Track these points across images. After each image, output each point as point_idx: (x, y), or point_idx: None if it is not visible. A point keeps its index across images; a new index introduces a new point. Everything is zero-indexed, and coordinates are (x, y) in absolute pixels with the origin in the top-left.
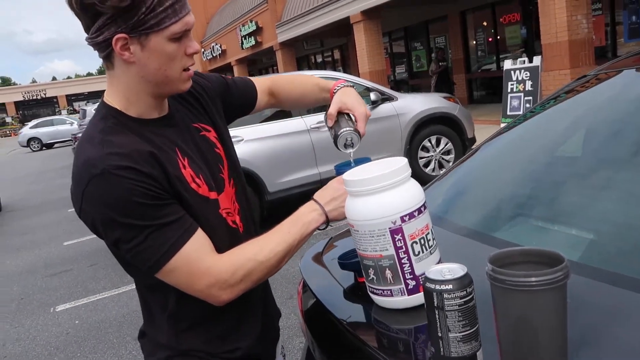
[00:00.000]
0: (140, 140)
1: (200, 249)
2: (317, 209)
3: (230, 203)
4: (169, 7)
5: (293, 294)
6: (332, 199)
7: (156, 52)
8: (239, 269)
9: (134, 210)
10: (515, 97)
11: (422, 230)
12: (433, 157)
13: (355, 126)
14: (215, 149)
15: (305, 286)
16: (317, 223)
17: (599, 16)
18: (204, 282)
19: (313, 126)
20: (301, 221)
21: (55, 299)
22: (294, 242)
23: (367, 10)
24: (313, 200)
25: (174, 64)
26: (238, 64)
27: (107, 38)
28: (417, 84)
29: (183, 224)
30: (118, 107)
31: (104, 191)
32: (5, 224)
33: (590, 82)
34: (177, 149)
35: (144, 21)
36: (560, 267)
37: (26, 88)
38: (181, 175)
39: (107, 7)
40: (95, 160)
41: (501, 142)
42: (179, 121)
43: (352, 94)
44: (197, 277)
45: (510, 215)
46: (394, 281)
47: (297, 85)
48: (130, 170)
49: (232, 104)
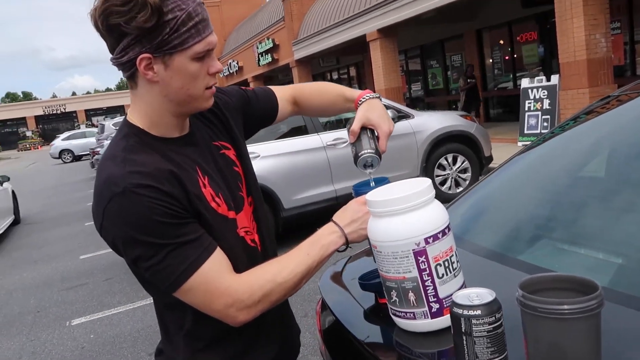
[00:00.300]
0: (161, 158)
1: (218, 268)
2: (336, 231)
3: (249, 221)
4: (192, 28)
5: (308, 311)
6: (352, 220)
7: (179, 72)
8: (257, 290)
9: (154, 229)
10: (533, 116)
11: (446, 253)
12: (449, 176)
13: (377, 145)
14: (234, 167)
15: (323, 305)
16: (336, 245)
17: (618, 35)
18: (222, 302)
19: (329, 143)
20: (320, 243)
21: (71, 312)
22: (312, 263)
23: (384, 28)
24: (332, 222)
25: (196, 83)
26: (254, 81)
27: (131, 58)
28: (433, 101)
29: (202, 242)
30: (141, 125)
31: (124, 209)
32: (23, 236)
33: (613, 102)
34: (197, 168)
35: (168, 41)
36: (594, 295)
37: (47, 103)
38: (201, 194)
39: (132, 28)
40: (116, 178)
41: (524, 161)
42: (200, 140)
43: (377, 108)
44: (215, 297)
45: (534, 237)
46: (417, 304)
47: (321, 95)
48: (151, 188)
49: (253, 115)
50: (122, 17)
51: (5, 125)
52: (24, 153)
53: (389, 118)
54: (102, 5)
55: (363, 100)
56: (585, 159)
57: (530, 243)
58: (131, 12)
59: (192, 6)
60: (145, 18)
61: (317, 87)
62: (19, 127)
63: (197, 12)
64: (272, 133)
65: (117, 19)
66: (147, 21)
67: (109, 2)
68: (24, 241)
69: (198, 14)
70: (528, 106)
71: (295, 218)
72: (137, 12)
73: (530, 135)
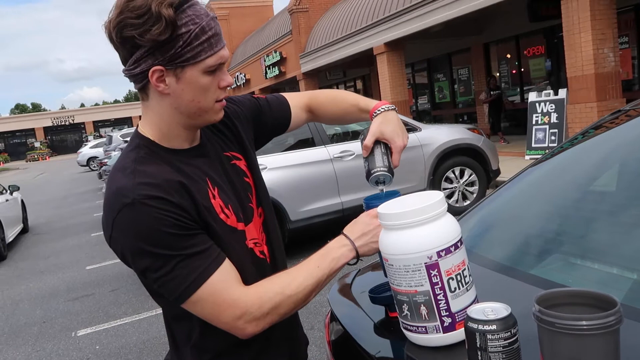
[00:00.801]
0: (171, 170)
1: (227, 280)
2: (347, 244)
3: (258, 233)
4: (205, 42)
5: (314, 324)
6: (363, 234)
7: (190, 84)
8: (266, 302)
9: (162, 240)
10: (540, 130)
11: (459, 266)
12: (457, 189)
13: (390, 162)
14: (244, 177)
15: (332, 318)
16: (346, 258)
17: (626, 49)
18: (230, 314)
19: (336, 155)
20: (330, 256)
21: (77, 323)
22: (322, 276)
23: (391, 42)
24: (343, 235)
25: (207, 96)
26: (261, 93)
27: (144, 70)
28: (439, 114)
29: (211, 254)
30: (151, 137)
31: (133, 220)
32: (30, 246)
33: (622, 117)
34: (207, 179)
35: (180, 54)
36: (613, 311)
37: (55, 114)
38: (210, 205)
39: (145, 40)
40: (126, 189)
41: (534, 175)
42: (210, 151)
43: (392, 121)
44: (223, 309)
45: (545, 251)
46: (429, 318)
47: (336, 103)
48: (160, 200)
49: (265, 124)
50: (136, 30)
51: (14, 136)
52: (32, 164)
53: (403, 131)
54: (116, 17)
55: (378, 113)
56: (596, 173)
57: (542, 257)
58: (145, 24)
59: (206, 20)
60: (160, 31)
61: (332, 95)
62: (28, 138)
63: (210, 27)
64: (280, 145)
65: (131, 32)
66: (161, 34)
67: (123, 15)
68: (31, 251)
69: (211, 28)
70: (535, 120)
71: (301, 230)
72: (151, 25)
73: (537, 148)
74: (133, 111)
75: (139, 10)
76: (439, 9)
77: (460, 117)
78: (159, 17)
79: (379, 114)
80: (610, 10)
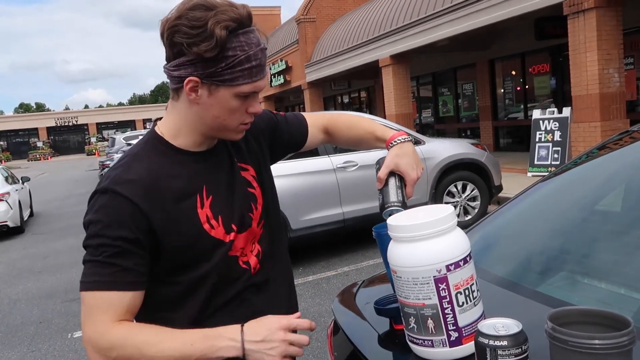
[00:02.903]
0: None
1: (109, 306)
2: (238, 341)
3: (249, 243)
4: (246, 69)
5: (312, 334)
6: (262, 340)
7: (220, 103)
8: (119, 347)
9: (98, 235)
10: (544, 147)
11: (467, 281)
12: (458, 203)
13: (404, 195)
14: (249, 188)
15: (335, 328)
16: (226, 354)
17: (631, 70)
18: (88, 333)
19: (339, 166)
20: (212, 342)
21: (74, 324)
22: (191, 356)
23: (397, 54)
24: (240, 329)
25: (233, 117)
26: (266, 101)
27: (182, 76)
28: (443, 128)
29: (122, 276)
30: (166, 135)
31: (93, 206)
32: (29, 246)
33: (626, 139)
34: (203, 186)
35: (220, 74)
36: (627, 331)
37: (59, 114)
38: (195, 214)
39: (192, 52)
40: (108, 178)
41: (540, 192)
42: (217, 157)
43: (408, 153)
44: (87, 324)
45: (552, 269)
46: (436, 331)
47: (352, 129)
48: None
49: (281, 139)
50: (187, 39)
51: (17, 135)
52: (33, 163)
53: (418, 163)
54: (174, 20)
55: (394, 144)
56: (602, 193)
57: (548, 274)
58: (197, 37)
59: (254, 50)
60: (208, 49)
61: (351, 121)
62: (31, 138)
63: (256, 57)
64: None
65: (181, 39)
66: (207, 51)
67: (181, 20)
68: (30, 251)
69: (257, 58)
70: (539, 137)
71: (302, 239)
72: (201, 39)
73: (540, 166)
74: (137, 114)
75: (196, 22)
76: (445, 24)
77: (464, 132)
78: (211, 35)
79: (395, 145)
80: (616, 31)
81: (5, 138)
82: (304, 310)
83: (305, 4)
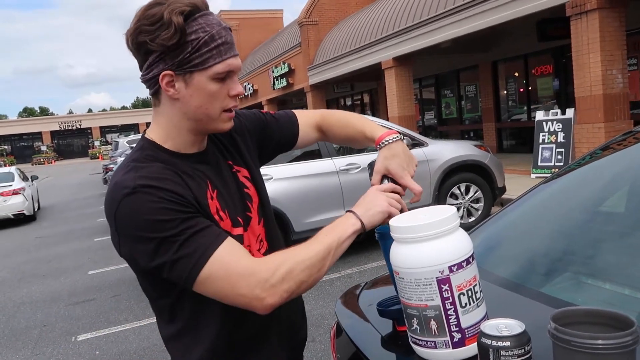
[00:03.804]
0: (171, 170)
1: (235, 252)
2: (352, 216)
3: (257, 241)
4: (214, 49)
5: (315, 336)
6: (364, 202)
7: (198, 90)
8: (279, 266)
9: (163, 225)
10: (547, 149)
11: (470, 282)
12: (462, 205)
13: None
14: (244, 188)
15: (339, 330)
16: (353, 227)
17: (634, 71)
18: (245, 284)
19: (342, 168)
20: (337, 226)
21: (77, 328)
22: (332, 243)
23: (399, 56)
24: (349, 211)
25: (215, 103)
26: (268, 104)
27: (155, 75)
28: (446, 130)
29: (213, 231)
30: (156, 140)
31: (134, 209)
32: (33, 250)
33: (630, 139)
34: (208, 182)
35: (189, 60)
36: (630, 331)
37: (63, 118)
38: (206, 204)
39: (156, 45)
40: (126, 182)
41: (544, 194)
42: (212, 159)
43: (397, 154)
44: (237, 280)
45: (556, 270)
46: (439, 333)
47: (344, 127)
48: (158, 188)
49: (270, 138)
50: (149, 36)
51: (22, 139)
52: (37, 167)
53: (410, 161)
54: (134, 25)
55: (383, 145)
56: (606, 194)
57: (552, 275)
58: (157, 30)
59: (216, 29)
60: (168, 36)
61: (342, 118)
62: (35, 142)
63: (220, 35)
64: (286, 156)
65: (144, 37)
66: (169, 39)
67: (140, 22)
68: (33, 255)
69: (222, 36)
70: (542, 139)
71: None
72: (161, 30)
73: (543, 167)
74: (140, 118)
75: (152, 18)
76: (448, 25)
77: (467, 134)
78: (169, 23)
79: (384, 147)
80: (619, 32)
81: (10, 142)
82: (308, 312)
83: (308, 6)
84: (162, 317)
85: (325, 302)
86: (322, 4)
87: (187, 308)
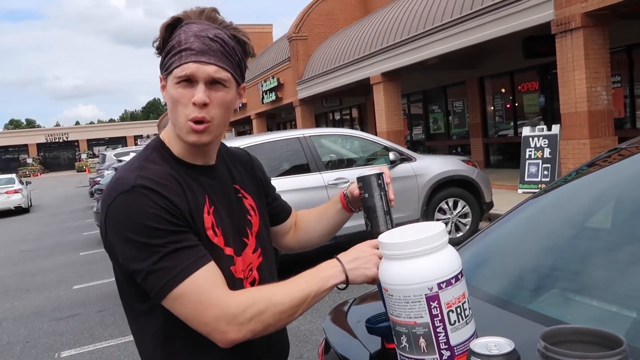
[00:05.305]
0: (175, 176)
1: (212, 278)
2: (338, 265)
3: (247, 269)
4: (177, 53)
5: (303, 353)
6: (356, 258)
7: (169, 94)
8: (250, 306)
9: (151, 231)
10: (533, 164)
11: (459, 299)
12: (450, 220)
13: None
14: (247, 215)
15: (327, 347)
16: (336, 279)
17: (618, 88)
18: (212, 314)
19: (330, 182)
20: (320, 274)
21: (61, 344)
22: (310, 292)
23: (388, 72)
24: (335, 258)
25: (178, 109)
26: (257, 118)
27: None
28: (433, 145)
29: (198, 252)
30: (166, 141)
31: (127, 206)
32: (17, 263)
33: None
34: (206, 196)
35: (164, 64)
36: (619, 350)
37: (49, 131)
38: (202, 219)
39: (155, 49)
40: (127, 179)
41: (530, 210)
42: (219, 176)
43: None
44: (205, 307)
45: (543, 287)
46: (428, 351)
47: (313, 210)
48: (157, 193)
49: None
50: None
51: (7, 151)
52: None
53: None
54: None
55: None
56: (592, 210)
57: (539, 292)
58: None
59: (187, 36)
60: (156, 44)
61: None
62: (20, 154)
63: (187, 41)
64: (275, 170)
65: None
66: (155, 41)
67: None
68: (17, 268)
69: (188, 42)
70: (529, 154)
71: (293, 257)
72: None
73: (530, 182)
74: (128, 131)
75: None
76: (435, 42)
77: (454, 149)
78: (160, 30)
79: (348, 185)
80: (603, 50)
81: None
82: (295, 328)
83: (297, 22)
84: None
85: (313, 317)
86: (311, 19)
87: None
